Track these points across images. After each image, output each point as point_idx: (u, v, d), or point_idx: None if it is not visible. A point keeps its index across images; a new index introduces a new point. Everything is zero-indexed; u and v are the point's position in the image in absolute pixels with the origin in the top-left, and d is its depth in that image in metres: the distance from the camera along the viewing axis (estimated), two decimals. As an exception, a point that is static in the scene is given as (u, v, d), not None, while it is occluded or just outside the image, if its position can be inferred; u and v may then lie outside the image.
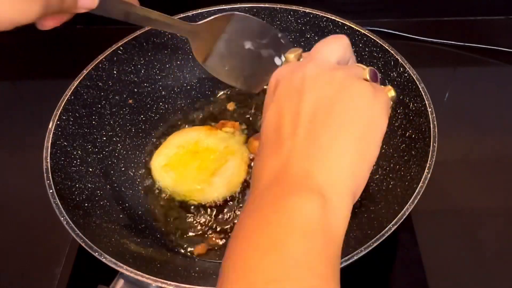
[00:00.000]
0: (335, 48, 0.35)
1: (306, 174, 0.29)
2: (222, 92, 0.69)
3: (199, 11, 0.64)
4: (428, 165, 0.47)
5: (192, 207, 0.56)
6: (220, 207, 0.56)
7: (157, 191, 0.58)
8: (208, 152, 0.59)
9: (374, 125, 0.31)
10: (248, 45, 0.59)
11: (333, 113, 0.31)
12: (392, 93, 0.34)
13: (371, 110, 0.31)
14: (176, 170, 0.58)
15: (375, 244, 0.42)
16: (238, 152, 0.60)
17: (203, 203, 0.56)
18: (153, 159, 0.60)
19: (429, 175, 0.46)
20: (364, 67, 0.34)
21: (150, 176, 0.59)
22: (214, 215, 0.56)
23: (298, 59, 0.37)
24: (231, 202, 0.57)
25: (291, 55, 0.37)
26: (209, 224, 0.55)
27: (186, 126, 0.65)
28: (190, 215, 0.56)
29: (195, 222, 0.55)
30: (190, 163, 0.58)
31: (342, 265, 0.41)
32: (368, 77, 0.34)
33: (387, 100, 0.33)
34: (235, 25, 0.57)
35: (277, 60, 0.60)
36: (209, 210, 0.56)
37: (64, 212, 0.45)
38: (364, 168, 0.31)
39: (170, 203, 0.57)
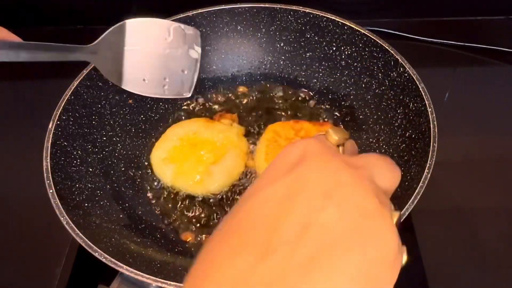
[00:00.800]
0: (391, 174, 0.29)
1: None
2: (222, 92, 0.69)
3: (199, 11, 0.64)
4: (428, 165, 0.47)
5: (192, 207, 0.56)
6: (219, 206, 0.56)
7: (157, 191, 0.58)
8: (207, 144, 0.60)
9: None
10: (156, 49, 0.57)
11: (348, 250, 0.23)
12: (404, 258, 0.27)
13: (392, 269, 0.25)
14: (175, 163, 0.58)
15: (375, 244, 0.42)
16: (236, 143, 0.60)
17: (202, 200, 0.57)
18: (152, 152, 0.60)
19: (429, 175, 0.47)
20: (395, 212, 0.28)
21: (150, 175, 0.59)
22: (214, 215, 0.56)
23: (340, 145, 0.29)
24: (232, 202, 0.57)
25: (335, 135, 0.29)
26: (209, 224, 0.55)
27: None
28: (190, 215, 0.56)
29: (195, 222, 0.55)
30: (189, 155, 0.58)
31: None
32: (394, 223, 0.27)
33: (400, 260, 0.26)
34: (133, 33, 0.55)
35: (192, 53, 0.59)
36: (209, 210, 0.56)
37: (64, 212, 0.45)
38: None
39: (170, 203, 0.57)
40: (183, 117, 0.65)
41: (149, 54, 0.57)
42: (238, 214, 0.25)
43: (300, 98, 0.67)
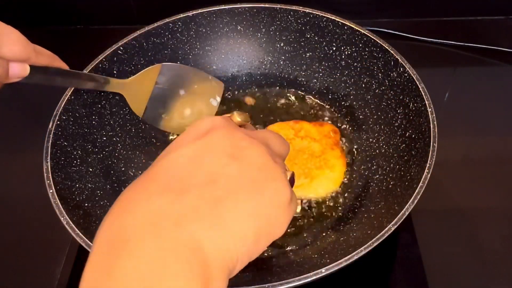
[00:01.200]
0: (282, 144, 0.35)
1: (196, 242, 0.26)
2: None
3: (199, 11, 0.64)
4: (428, 165, 0.47)
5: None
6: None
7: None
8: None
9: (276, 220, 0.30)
10: (182, 91, 0.62)
11: (249, 193, 0.29)
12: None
13: (284, 213, 0.30)
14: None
15: (375, 244, 0.42)
16: None
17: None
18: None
19: (429, 175, 0.47)
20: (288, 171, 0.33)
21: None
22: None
23: (242, 126, 0.36)
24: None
25: (239, 117, 0.36)
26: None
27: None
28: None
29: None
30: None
31: (342, 265, 0.41)
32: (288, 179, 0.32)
33: (294, 209, 0.32)
34: (166, 74, 0.61)
35: (212, 101, 0.65)
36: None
37: (64, 212, 0.45)
38: (258, 249, 0.29)
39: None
40: (183, 117, 0.65)
41: (174, 94, 0.62)
42: (153, 168, 0.30)
43: (300, 98, 0.67)
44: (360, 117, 0.63)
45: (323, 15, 0.63)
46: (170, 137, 0.64)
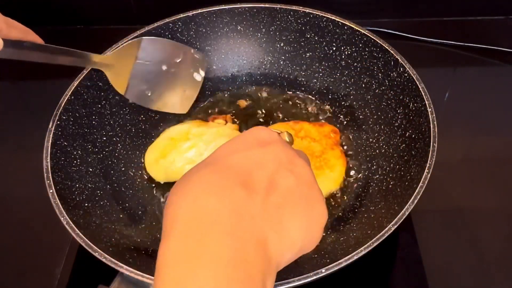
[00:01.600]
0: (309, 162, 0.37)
1: (264, 239, 0.29)
2: (222, 93, 0.69)
3: (199, 11, 0.64)
4: (428, 165, 0.47)
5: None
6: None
7: (157, 191, 0.58)
8: (200, 136, 0.60)
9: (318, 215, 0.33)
10: (164, 67, 0.61)
11: (304, 208, 0.32)
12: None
13: (320, 233, 0.33)
14: (167, 157, 0.58)
15: (375, 244, 0.42)
16: (230, 134, 0.60)
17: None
18: (145, 155, 0.60)
19: (429, 175, 0.47)
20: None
21: (150, 175, 0.59)
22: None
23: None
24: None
25: (287, 138, 0.37)
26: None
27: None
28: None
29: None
30: (181, 148, 0.59)
31: (342, 265, 0.41)
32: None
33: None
34: (146, 49, 0.59)
35: (196, 76, 0.64)
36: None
37: (64, 212, 0.45)
38: (293, 259, 0.32)
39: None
40: (182, 118, 0.65)
41: (156, 70, 0.61)
42: (224, 160, 0.32)
43: (299, 98, 0.67)
44: (360, 117, 0.63)
45: (323, 15, 0.63)
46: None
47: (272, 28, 0.66)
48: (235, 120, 0.65)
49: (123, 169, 0.59)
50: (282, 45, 0.67)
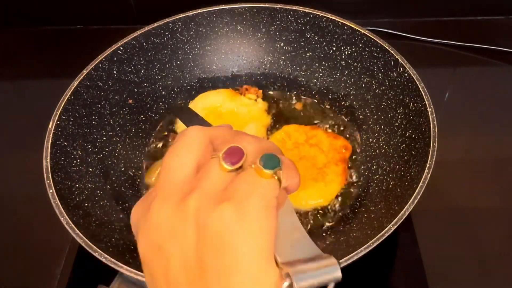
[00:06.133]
0: (181, 158, 0.28)
1: None
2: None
3: (199, 11, 0.64)
4: (428, 165, 0.47)
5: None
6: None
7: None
8: (231, 116, 0.62)
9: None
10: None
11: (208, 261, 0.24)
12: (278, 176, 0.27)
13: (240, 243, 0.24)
14: None
15: (375, 244, 0.42)
16: (258, 118, 0.63)
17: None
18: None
19: (429, 175, 0.47)
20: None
21: (150, 175, 0.59)
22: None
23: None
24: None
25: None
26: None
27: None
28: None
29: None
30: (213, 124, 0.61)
31: (342, 265, 0.41)
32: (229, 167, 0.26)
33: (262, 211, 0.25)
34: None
35: None
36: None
37: (64, 212, 0.45)
38: None
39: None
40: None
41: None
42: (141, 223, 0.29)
43: (300, 98, 0.67)
44: (360, 117, 0.63)
45: (323, 15, 0.63)
46: (170, 140, 0.64)
47: (272, 28, 0.66)
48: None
49: (123, 169, 0.59)
50: (282, 45, 0.67)
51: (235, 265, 0.24)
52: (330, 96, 0.66)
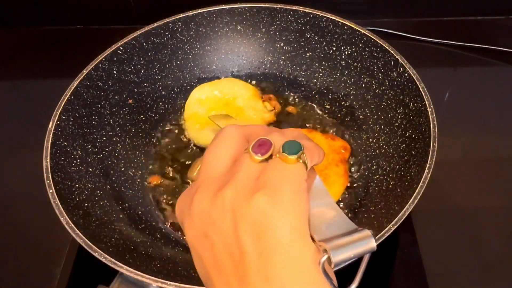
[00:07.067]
0: (219, 153, 0.31)
1: None
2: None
3: (199, 11, 0.64)
4: (428, 165, 0.47)
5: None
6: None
7: (157, 190, 0.58)
8: (236, 111, 0.63)
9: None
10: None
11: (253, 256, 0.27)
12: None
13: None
14: (204, 108, 0.63)
15: (375, 244, 0.42)
16: (260, 122, 0.63)
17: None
18: (194, 90, 0.64)
19: (429, 175, 0.47)
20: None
21: (150, 175, 0.59)
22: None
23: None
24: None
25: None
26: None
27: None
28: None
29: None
30: (216, 110, 0.63)
31: (342, 265, 0.41)
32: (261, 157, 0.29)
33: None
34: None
35: None
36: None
37: (64, 212, 0.45)
38: None
39: (170, 203, 0.57)
40: (182, 117, 0.65)
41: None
42: (186, 212, 0.31)
43: (299, 99, 0.67)
44: (360, 117, 0.63)
45: (323, 15, 0.63)
46: (168, 140, 0.64)
47: (272, 28, 0.66)
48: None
49: (123, 169, 0.59)
50: (282, 45, 0.67)
51: (275, 246, 0.26)
52: (330, 96, 0.66)
